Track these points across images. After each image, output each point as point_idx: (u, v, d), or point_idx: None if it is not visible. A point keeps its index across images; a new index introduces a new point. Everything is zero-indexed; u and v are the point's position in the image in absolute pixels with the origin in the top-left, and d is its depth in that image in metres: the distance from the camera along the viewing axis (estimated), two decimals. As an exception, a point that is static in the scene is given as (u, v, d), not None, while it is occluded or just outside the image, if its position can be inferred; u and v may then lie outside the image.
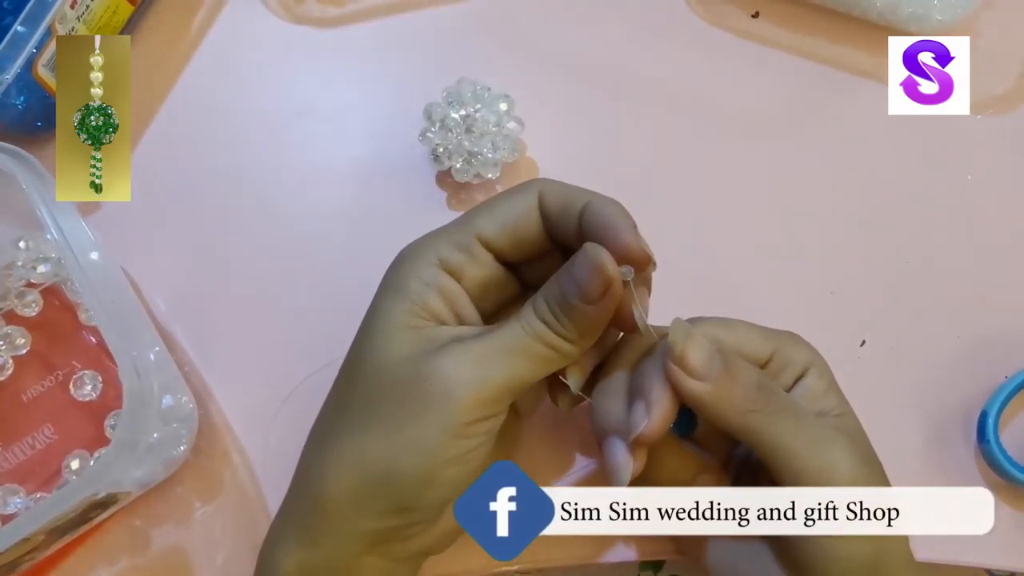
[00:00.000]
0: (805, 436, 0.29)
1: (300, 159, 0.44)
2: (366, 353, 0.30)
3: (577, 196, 0.30)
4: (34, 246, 0.40)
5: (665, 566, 0.57)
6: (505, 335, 0.29)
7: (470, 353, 0.28)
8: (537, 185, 0.31)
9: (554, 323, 0.29)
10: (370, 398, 0.29)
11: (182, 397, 0.39)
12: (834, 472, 0.29)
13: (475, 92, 0.40)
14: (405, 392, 0.28)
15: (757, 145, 0.43)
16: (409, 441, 0.28)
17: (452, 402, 0.28)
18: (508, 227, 0.31)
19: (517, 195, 0.31)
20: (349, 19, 0.45)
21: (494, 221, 0.31)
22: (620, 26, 0.45)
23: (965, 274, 0.41)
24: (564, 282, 0.29)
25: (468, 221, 0.31)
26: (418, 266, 0.30)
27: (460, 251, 0.31)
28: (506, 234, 0.31)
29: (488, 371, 0.28)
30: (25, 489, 0.38)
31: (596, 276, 0.28)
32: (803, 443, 0.29)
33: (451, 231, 0.31)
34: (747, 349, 0.31)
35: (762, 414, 0.29)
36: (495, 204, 0.31)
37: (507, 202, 0.31)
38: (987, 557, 0.39)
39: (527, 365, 0.29)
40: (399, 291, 0.30)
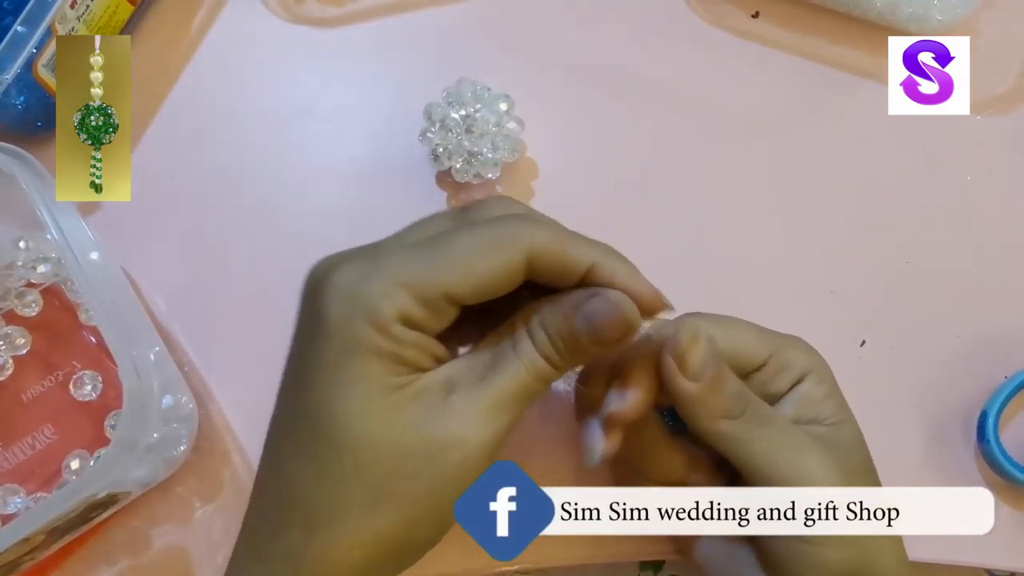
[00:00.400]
0: (778, 444, 0.29)
1: (300, 159, 0.44)
2: (348, 422, 0.26)
3: (578, 259, 0.27)
4: (34, 246, 0.40)
5: (665, 566, 0.57)
6: (507, 380, 0.27)
7: (477, 406, 0.27)
8: (524, 243, 0.27)
9: (556, 359, 0.28)
10: (367, 472, 0.26)
11: (182, 397, 0.39)
12: (806, 479, 0.29)
13: (475, 92, 0.40)
14: (413, 464, 0.26)
15: (757, 145, 0.43)
16: (424, 511, 0.27)
17: (470, 466, 0.27)
18: (486, 289, 0.27)
19: (498, 254, 0.27)
20: (349, 19, 0.45)
21: (469, 284, 0.27)
22: (620, 26, 0.45)
23: (965, 274, 0.41)
24: (579, 321, 0.27)
25: (431, 271, 0.27)
26: (380, 321, 0.26)
27: (425, 308, 0.27)
28: (480, 294, 0.27)
29: (499, 423, 0.27)
30: (25, 489, 0.38)
31: (618, 322, 0.27)
32: (775, 450, 0.29)
33: (409, 278, 0.27)
34: (743, 349, 0.31)
35: (736, 421, 0.29)
36: (472, 262, 0.27)
37: (486, 261, 0.27)
38: (987, 557, 0.39)
39: (529, 401, 0.28)
40: (366, 349, 0.26)
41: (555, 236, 0.28)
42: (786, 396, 0.31)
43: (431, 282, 0.27)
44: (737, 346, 0.31)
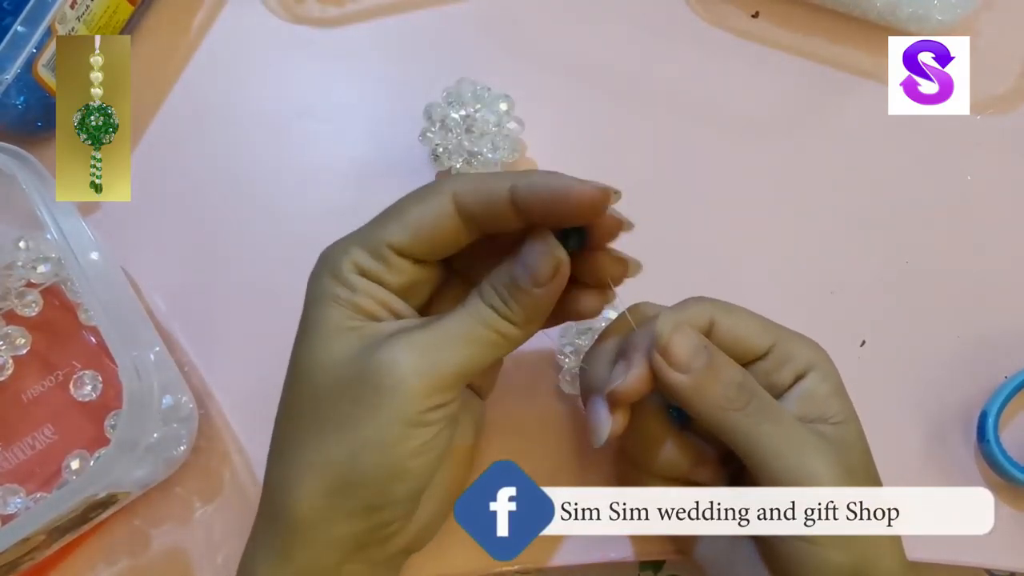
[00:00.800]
0: (783, 439, 0.29)
1: (300, 159, 0.44)
2: (307, 358, 0.30)
3: (497, 185, 0.29)
4: (34, 246, 0.40)
5: (665, 566, 0.57)
6: (451, 323, 0.29)
7: (416, 342, 0.28)
8: (448, 186, 0.30)
9: (502, 308, 0.29)
10: (319, 401, 0.29)
11: (182, 397, 0.39)
12: (811, 479, 0.28)
13: (475, 92, 0.40)
14: (355, 390, 0.28)
15: (757, 145, 0.43)
16: (366, 438, 0.28)
17: (403, 392, 0.28)
18: (422, 235, 0.30)
19: (427, 199, 0.30)
20: (349, 19, 0.45)
21: (405, 230, 0.30)
22: (620, 26, 0.45)
23: (965, 274, 0.41)
24: (515, 268, 0.29)
25: (378, 228, 0.30)
26: (339, 272, 0.30)
27: (375, 259, 0.30)
28: (420, 242, 0.30)
29: (437, 358, 0.28)
30: (25, 489, 0.38)
31: (546, 259, 0.28)
32: (780, 446, 0.29)
33: (363, 236, 0.30)
34: (744, 337, 0.31)
35: (740, 413, 0.29)
36: (404, 210, 0.30)
37: (416, 208, 0.30)
38: (987, 557, 0.39)
39: (475, 351, 0.29)
40: (327, 297, 0.30)
41: (477, 177, 0.30)
42: (790, 391, 0.31)
43: (375, 235, 0.30)
44: (739, 332, 0.31)
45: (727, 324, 0.31)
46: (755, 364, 0.32)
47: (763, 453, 0.29)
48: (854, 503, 0.29)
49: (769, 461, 0.29)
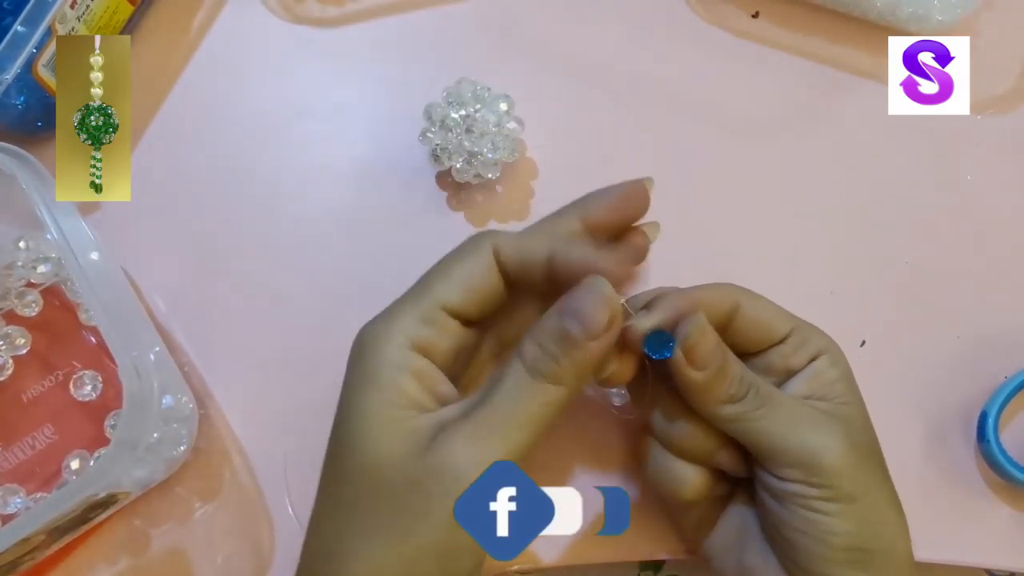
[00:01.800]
0: (788, 418, 0.30)
1: (300, 159, 0.44)
2: (350, 455, 0.28)
3: (535, 247, 0.30)
4: (34, 246, 0.40)
5: (665, 566, 0.57)
6: (501, 404, 0.27)
7: (470, 436, 0.27)
8: (488, 240, 0.30)
9: (551, 368, 0.27)
10: (367, 506, 0.27)
11: (182, 397, 0.39)
12: (817, 454, 0.29)
13: (475, 92, 0.40)
14: (404, 496, 0.27)
15: (757, 145, 0.43)
16: (421, 546, 0.26)
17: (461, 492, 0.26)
18: (471, 291, 0.30)
19: (470, 255, 0.30)
20: (349, 19, 0.45)
21: (455, 288, 0.30)
22: (620, 26, 0.45)
23: (965, 274, 0.41)
24: (565, 316, 0.27)
25: (428, 291, 0.30)
26: (387, 350, 0.29)
27: (428, 326, 0.29)
28: (470, 298, 0.30)
29: (492, 450, 0.27)
30: (25, 489, 0.38)
31: (602, 306, 0.27)
32: (782, 426, 0.30)
33: (414, 304, 0.30)
34: (767, 322, 0.32)
35: (739, 404, 0.30)
36: (451, 268, 0.30)
37: (462, 264, 0.30)
38: (987, 557, 0.39)
39: (532, 431, 0.28)
40: (372, 381, 0.28)
41: (515, 233, 0.31)
42: (800, 372, 0.32)
43: (426, 299, 0.30)
44: (762, 317, 0.32)
45: (752, 309, 0.32)
46: (774, 348, 0.32)
47: (761, 435, 0.30)
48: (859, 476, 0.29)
49: (774, 443, 0.29)
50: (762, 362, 0.33)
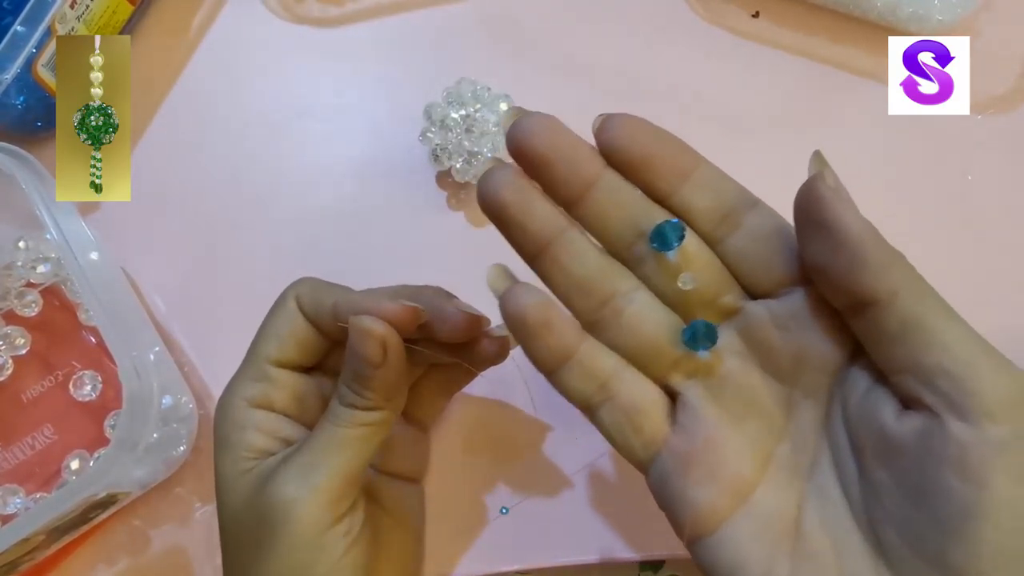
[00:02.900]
0: (957, 324, 0.23)
1: (300, 159, 0.44)
2: (221, 510, 0.30)
3: (324, 295, 0.31)
4: (34, 246, 0.40)
5: (665, 566, 0.57)
6: (320, 434, 0.29)
7: (294, 466, 0.29)
8: (292, 291, 0.32)
9: (358, 400, 0.29)
10: (235, 549, 0.30)
11: (182, 397, 0.39)
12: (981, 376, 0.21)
13: (475, 92, 0.40)
14: (255, 533, 0.29)
15: (757, 145, 0.43)
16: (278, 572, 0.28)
17: (294, 522, 0.28)
18: (286, 341, 0.31)
19: (279, 308, 0.32)
20: (349, 19, 0.45)
21: (271, 342, 0.31)
22: (620, 26, 0.45)
23: (965, 274, 0.41)
24: (350, 361, 0.29)
25: (253, 351, 0.32)
26: (230, 413, 0.31)
27: (259, 382, 0.31)
28: (288, 348, 0.31)
29: (315, 476, 0.28)
30: (25, 489, 0.38)
31: (369, 340, 0.28)
32: (957, 330, 0.23)
33: (246, 366, 0.32)
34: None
35: (911, 272, 0.24)
36: (266, 325, 0.32)
37: (274, 318, 0.32)
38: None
39: (351, 452, 0.29)
40: (223, 445, 0.31)
41: (317, 284, 0.32)
42: None
43: (253, 358, 0.31)
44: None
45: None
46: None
47: (930, 323, 0.23)
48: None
49: (935, 336, 0.22)
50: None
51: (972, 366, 0.21)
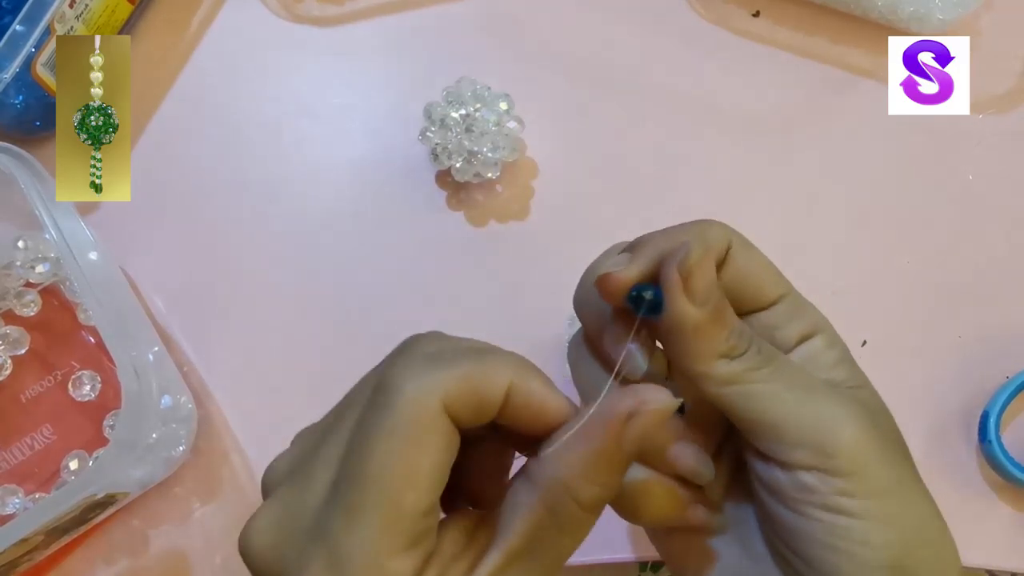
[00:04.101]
0: (798, 382, 0.24)
1: (300, 159, 0.44)
2: None
3: (484, 383, 0.22)
4: (33, 246, 0.40)
5: (665, 566, 0.56)
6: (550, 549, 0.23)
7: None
8: (436, 398, 0.21)
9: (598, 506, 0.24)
10: None
11: (181, 397, 0.38)
12: (834, 429, 0.23)
13: (475, 92, 0.40)
14: None
15: (757, 144, 0.43)
16: None
17: None
18: (444, 480, 0.22)
19: (429, 436, 0.21)
20: (349, 18, 0.45)
21: (429, 488, 0.21)
22: (620, 25, 0.45)
23: (966, 274, 0.41)
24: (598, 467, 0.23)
25: (394, 506, 0.21)
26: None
27: (416, 545, 0.21)
28: (442, 481, 0.22)
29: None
30: (24, 489, 0.38)
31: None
32: (795, 390, 0.24)
33: (382, 530, 0.21)
34: (757, 277, 0.26)
35: (739, 361, 0.24)
36: (407, 463, 0.21)
37: (426, 454, 0.21)
38: (987, 557, 0.38)
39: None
40: None
41: (460, 373, 0.22)
42: (792, 352, 0.26)
43: (400, 521, 0.21)
44: (753, 271, 0.26)
45: (744, 258, 0.26)
46: (761, 313, 0.27)
47: (771, 404, 0.23)
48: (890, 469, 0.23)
49: (778, 414, 0.23)
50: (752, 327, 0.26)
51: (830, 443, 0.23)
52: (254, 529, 0.22)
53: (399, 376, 0.22)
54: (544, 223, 0.42)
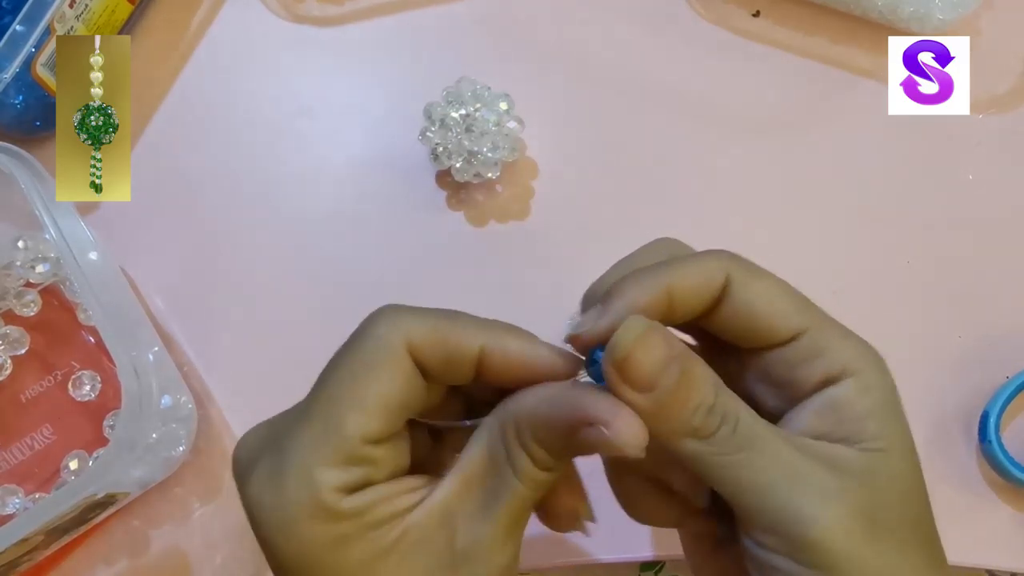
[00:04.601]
0: (772, 469, 0.22)
1: (300, 158, 0.44)
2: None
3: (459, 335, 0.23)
4: (33, 246, 0.40)
5: (665, 566, 0.57)
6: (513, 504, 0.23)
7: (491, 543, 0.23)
8: (397, 332, 0.23)
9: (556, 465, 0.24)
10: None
11: (181, 397, 0.38)
12: (803, 524, 0.21)
13: (475, 92, 0.40)
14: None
15: (757, 144, 0.43)
16: None
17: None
18: (392, 410, 0.23)
19: (379, 357, 0.23)
20: (349, 18, 0.45)
21: (374, 414, 0.22)
22: (620, 25, 0.45)
23: (966, 274, 0.41)
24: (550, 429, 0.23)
25: (338, 425, 0.22)
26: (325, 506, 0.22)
27: (353, 466, 0.22)
28: (395, 418, 0.23)
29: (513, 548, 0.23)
30: (24, 489, 0.38)
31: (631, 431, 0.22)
32: (767, 478, 0.22)
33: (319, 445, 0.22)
34: (765, 314, 0.24)
35: (706, 442, 0.22)
36: (360, 387, 0.22)
37: (377, 380, 0.23)
38: (987, 557, 0.38)
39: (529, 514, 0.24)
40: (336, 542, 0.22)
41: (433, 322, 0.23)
42: (811, 399, 0.24)
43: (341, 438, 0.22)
44: (759, 307, 0.24)
45: (747, 293, 0.24)
46: (775, 351, 0.25)
47: (739, 490, 0.22)
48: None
49: (748, 500, 0.22)
50: (761, 363, 0.25)
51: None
52: (240, 443, 0.25)
53: (374, 317, 0.24)
54: (544, 223, 0.42)
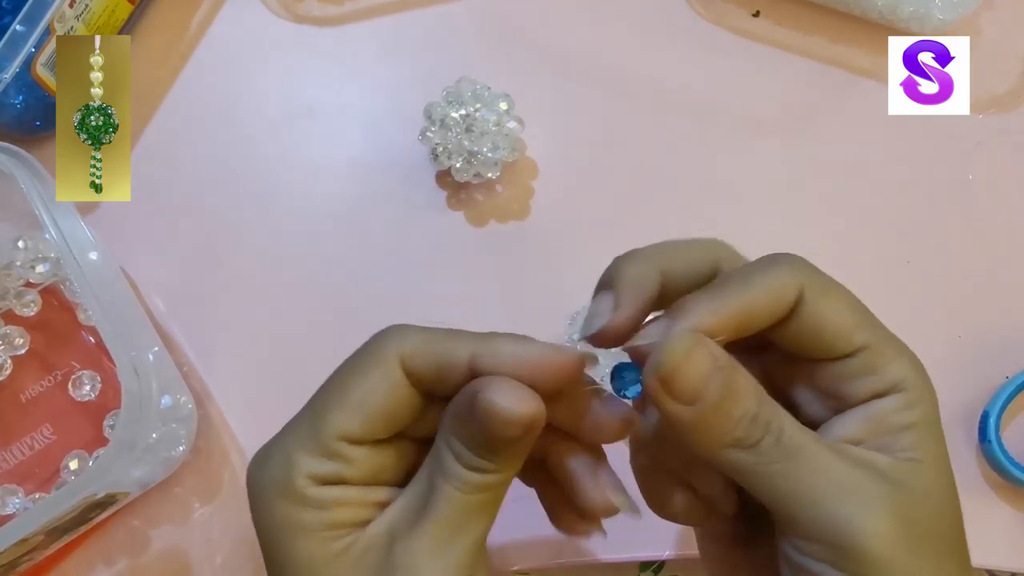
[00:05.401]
0: (816, 479, 0.22)
1: (300, 159, 0.44)
2: None
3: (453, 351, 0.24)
4: (33, 246, 0.40)
5: (665, 566, 0.57)
6: (444, 504, 0.24)
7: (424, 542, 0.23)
8: (393, 346, 0.24)
9: (487, 464, 0.24)
10: None
11: (181, 397, 0.38)
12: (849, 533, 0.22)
13: (475, 92, 0.40)
14: None
15: (757, 144, 0.43)
16: None
17: None
18: (375, 416, 0.24)
19: (372, 371, 0.24)
20: (349, 18, 0.45)
21: (353, 414, 0.24)
22: (620, 25, 0.45)
23: (966, 274, 0.41)
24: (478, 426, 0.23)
25: (321, 420, 0.24)
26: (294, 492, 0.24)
27: (329, 459, 0.24)
28: (376, 423, 0.24)
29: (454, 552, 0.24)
30: (24, 489, 0.38)
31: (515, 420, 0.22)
32: (811, 487, 0.22)
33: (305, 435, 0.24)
34: (832, 331, 0.24)
35: (750, 452, 0.23)
36: (346, 389, 0.24)
37: (361, 384, 0.24)
38: (987, 557, 0.38)
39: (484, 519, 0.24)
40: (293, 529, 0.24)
41: (426, 336, 0.24)
42: (858, 408, 0.24)
43: (320, 432, 0.24)
44: (827, 323, 0.24)
45: (818, 309, 0.24)
46: (831, 364, 0.25)
47: (784, 499, 0.23)
48: None
49: (792, 509, 0.22)
50: (811, 373, 0.25)
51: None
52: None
53: (378, 332, 0.25)
54: (544, 223, 0.42)
